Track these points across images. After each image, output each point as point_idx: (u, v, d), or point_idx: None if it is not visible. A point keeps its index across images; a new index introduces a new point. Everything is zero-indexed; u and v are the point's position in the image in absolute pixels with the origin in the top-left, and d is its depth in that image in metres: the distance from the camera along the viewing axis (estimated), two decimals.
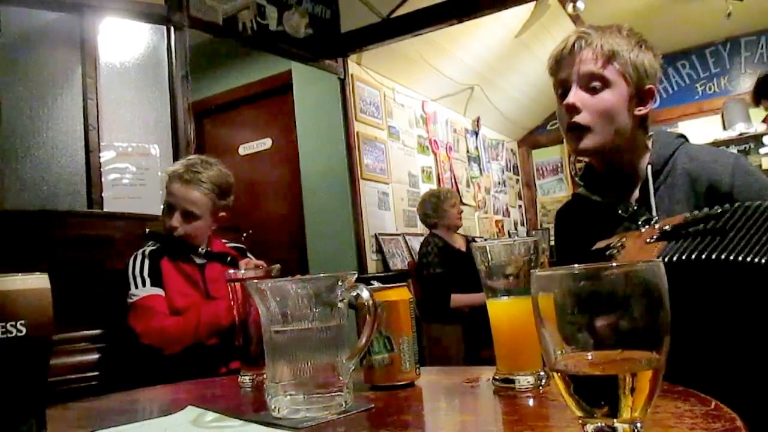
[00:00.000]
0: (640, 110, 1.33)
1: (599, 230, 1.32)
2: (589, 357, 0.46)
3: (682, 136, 1.41)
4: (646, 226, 1.14)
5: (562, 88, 1.35)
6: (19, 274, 0.79)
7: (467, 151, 6.12)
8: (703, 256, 0.98)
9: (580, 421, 0.46)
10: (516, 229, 7.06)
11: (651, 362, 0.45)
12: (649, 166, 1.34)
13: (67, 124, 2.87)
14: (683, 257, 1.00)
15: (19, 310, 0.77)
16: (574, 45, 1.32)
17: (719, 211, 1.04)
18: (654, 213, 1.29)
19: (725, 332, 1.03)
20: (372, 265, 4.24)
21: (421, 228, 4.47)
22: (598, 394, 0.44)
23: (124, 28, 3.14)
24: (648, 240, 1.07)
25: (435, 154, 5.44)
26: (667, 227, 1.06)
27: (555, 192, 7.43)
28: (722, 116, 6.45)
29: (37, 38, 2.87)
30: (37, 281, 0.81)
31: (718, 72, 6.56)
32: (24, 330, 0.76)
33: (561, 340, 0.47)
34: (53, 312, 0.81)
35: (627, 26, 1.35)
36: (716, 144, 6.35)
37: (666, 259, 1.01)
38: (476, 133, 6.34)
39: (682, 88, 6.72)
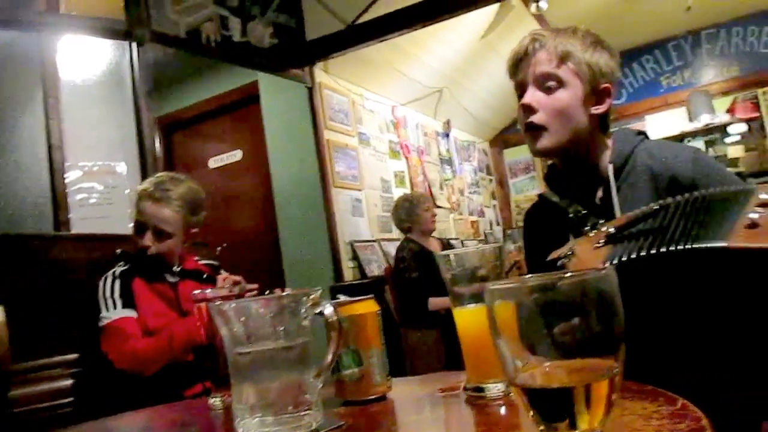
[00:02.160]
0: (597, 109, 1.34)
1: (564, 231, 1.33)
2: (547, 368, 0.46)
3: (642, 132, 1.42)
4: (594, 231, 1.14)
5: (521, 90, 1.37)
6: None
7: (439, 154, 6.14)
8: (643, 254, 0.99)
9: None
10: (491, 228, 7.10)
11: (608, 371, 0.45)
12: (611, 165, 1.35)
13: (31, 145, 2.82)
14: (625, 259, 1.00)
15: None
16: (528, 47, 1.34)
17: (656, 208, 1.06)
18: (617, 212, 1.30)
19: (682, 324, 1.04)
20: (348, 273, 4.23)
21: (396, 233, 4.47)
22: (555, 406, 0.44)
23: (85, 45, 3.10)
24: (595, 245, 1.08)
25: (407, 159, 5.44)
26: (611, 230, 1.07)
27: (528, 190, 7.50)
28: (687, 108, 6.56)
29: None
30: None
31: (681, 65, 6.68)
32: None
33: (518, 352, 0.46)
34: (9, 343, 0.79)
35: (583, 28, 1.37)
36: (683, 135, 6.47)
37: (612, 263, 1.01)
38: (447, 135, 6.36)
39: (647, 82, 6.83)
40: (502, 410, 0.79)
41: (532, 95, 1.33)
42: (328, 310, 0.78)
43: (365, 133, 4.89)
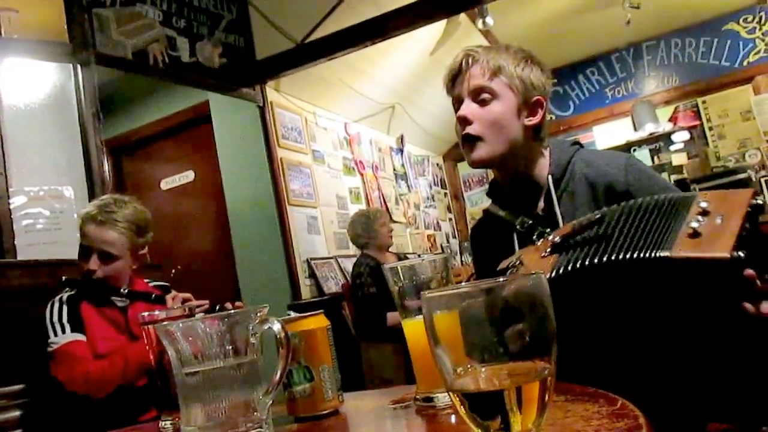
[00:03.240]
0: (530, 120, 1.39)
1: (509, 245, 1.37)
2: (483, 373, 0.47)
3: (577, 142, 1.48)
4: (540, 240, 1.18)
5: (458, 104, 1.41)
6: None
7: (394, 169, 6.18)
8: (587, 262, 1.02)
9: None
10: (448, 241, 7.16)
11: (540, 372, 0.46)
12: (550, 176, 1.39)
13: None
14: (570, 268, 1.04)
15: None
16: (462, 63, 1.40)
17: (599, 216, 1.09)
18: (560, 221, 1.34)
19: (626, 326, 1.07)
20: (306, 291, 4.21)
21: (353, 249, 4.47)
22: (488, 410, 0.45)
23: (28, 68, 3.03)
24: (543, 254, 1.11)
25: (362, 175, 5.46)
26: (557, 239, 1.11)
27: (483, 202, 7.59)
28: (632, 118, 6.77)
29: None
30: None
31: (624, 76, 6.90)
32: None
33: (455, 359, 0.48)
34: None
35: (515, 45, 1.43)
36: (629, 144, 6.66)
37: (558, 272, 1.04)
38: (401, 151, 6.41)
39: (592, 94, 7.03)
40: (452, 419, 0.80)
41: (468, 107, 1.38)
42: (276, 326, 0.78)
43: (319, 151, 4.89)
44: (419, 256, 5.83)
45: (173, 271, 3.42)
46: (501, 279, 0.49)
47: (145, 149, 4.96)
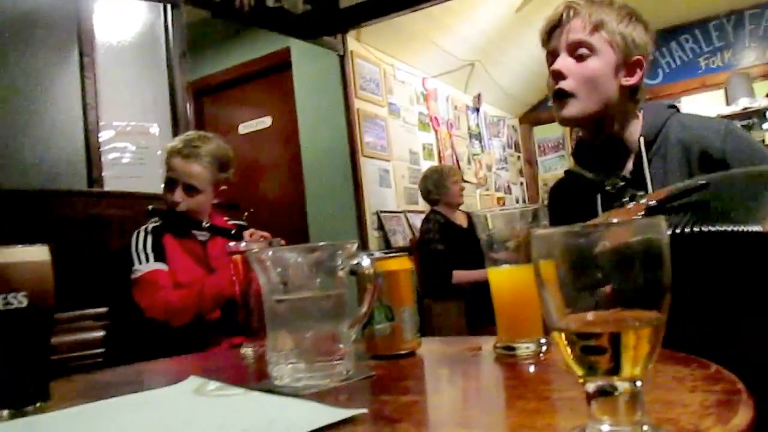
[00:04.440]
0: (627, 80, 1.33)
1: (592, 207, 1.33)
2: (590, 317, 0.46)
3: (673, 106, 1.41)
4: (632, 203, 1.13)
5: (552, 58, 1.36)
6: (20, 245, 0.79)
7: (468, 128, 6.09)
8: (686, 230, 0.98)
9: (580, 380, 0.46)
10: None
11: (651, 320, 0.45)
12: (642, 138, 1.33)
13: (66, 104, 2.85)
14: (670, 233, 1.00)
15: (20, 281, 0.77)
16: (563, 15, 1.34)
17: (702, 182, 1.04)
18: (649, 185, 1.29)
19: (718, 299, 1.04)
20: (373, 243, 4.25)
21: (422, 205, 4.47)
22: (599, 350, 0.44)
23: (120, 6, 3.11)
24: (635, 217, 1.07)
25: (436, 131, 5.41)
26: (652, 202, 1.06)
27: (557, 169, 7.40)
28: (725, 91, 6.39)
29: (33, 19, 2.84)
30: (38, 253, 0.81)
31: (721, 46, 6.49)
32: (25, 301, 0.77)
33: (562, 301, 0.46)
34: (54, 284, 0.81)
35: (619, 1, 1.36)
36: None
37: None
38: (477, 110, 6.30)
39: (684, 62, 6.66)
40: (531, 368, 0.79)
41: (563, 61, 1.32)
42: (366, 262, 0.78)
43: (395, 104, 4.86)
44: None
45: (245, 214, 3.51)
46: (614, 221, 0.47)
47: (225, 92, 5.05)
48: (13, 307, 0.76)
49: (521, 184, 7.36)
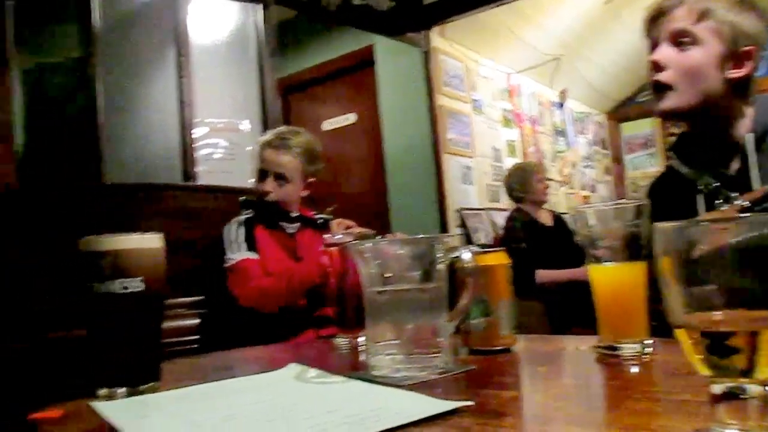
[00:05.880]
0: (733, 73, 1.24)
1: (692, 207, 1.26)
2: (718, 316, 0.43)
3: None
4: (727, 205, 1.07)
5: (653, 48, 1.30)
6: (135, 234, 0.84)
7: (553, 125, 5.95)
8: None
9: (709, 381, 0.44)
10: None
11: None
12: (751, 135, 1.25)
13: (163, 102, 2.99)
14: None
15: (137, 267, 0.81)
16: (667, 3, 1.28)
17: None
18: (755, 186, 1.21)
19: None
20: (455, 241, 4.23)
21: (504, 203, 4.41)
22: (732, 350, 0.42)
23: (214, 7, 3.23)
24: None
25: (520, 128, 5.32)
26: (745, 203, 0.99)
27: (646, 167, 7.12)
28: None
29: (134, 21, 2.99)
30: (153, 241, 0.85)
31: None
32: (141, 286, 0.81)
33: (684, 298, 0.44)
34: (166, 270, 0.86)
35: None
36: None
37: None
38: (562, 106, 6.14)
39: None
40: (636, 369, 0.77)
41: (662, 51, 1.26)
42: (466, 255, 0.78)
43: (479, 100, 4.82)
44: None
45: (329, 209, 3.57)
46: (743, 215, 0.44)
47: (310, 90, 5.16)
48: (130, 291, 0.80)
49: (607, 182, 7.13)
